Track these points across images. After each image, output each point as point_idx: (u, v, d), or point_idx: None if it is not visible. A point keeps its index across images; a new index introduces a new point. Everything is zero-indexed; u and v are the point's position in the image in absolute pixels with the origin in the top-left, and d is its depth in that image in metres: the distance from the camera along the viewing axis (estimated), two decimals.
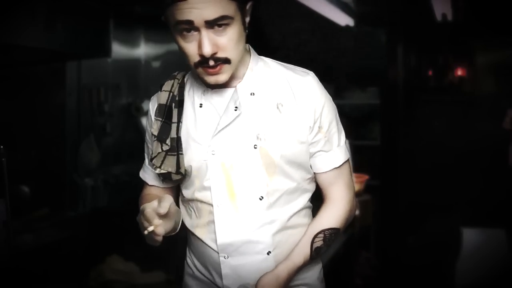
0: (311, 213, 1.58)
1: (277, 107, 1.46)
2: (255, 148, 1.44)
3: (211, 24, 1.33)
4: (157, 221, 1.33)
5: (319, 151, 1.51)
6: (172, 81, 1.56)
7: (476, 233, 3.82)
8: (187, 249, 1.65)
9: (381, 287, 4.03)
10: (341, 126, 1.57)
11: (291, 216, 1.51)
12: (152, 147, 1.53)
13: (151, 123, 1.57)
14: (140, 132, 3.95)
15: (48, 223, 2.99)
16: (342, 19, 4.61)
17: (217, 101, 1.48)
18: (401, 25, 4.93)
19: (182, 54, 1.42)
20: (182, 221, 1.54)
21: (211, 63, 1.37)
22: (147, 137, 1.62)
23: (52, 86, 3.25)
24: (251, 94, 1.47)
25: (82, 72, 3.36)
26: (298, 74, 1.51)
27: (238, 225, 1.47)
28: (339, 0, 4.25)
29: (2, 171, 1.98)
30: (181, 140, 1.49)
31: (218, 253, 1.49)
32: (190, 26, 1.34)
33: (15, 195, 2.50)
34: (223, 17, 1.33)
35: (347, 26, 4.74)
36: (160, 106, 1.53)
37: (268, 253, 1.48)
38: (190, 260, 1.62)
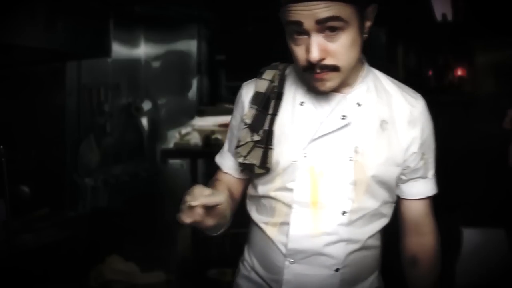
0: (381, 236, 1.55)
1: (381, 124, 1.41)
2: (350, 160, 1.38)
3: (322, 25, 1.26)
4: (198, 202, 1.20)
5: (418, 177, 1.47)
6: (274, 71, 1.49)
7: (476, 233, 3.80)
8: (246, 249, 1.57)
9: None
10: None
11: (368, 238, 1.46)
12: (240, 134, 1.46)
13: (242, 109, 1.49)
14: (140, 132, 3.95)
15: (48, 223, 2.99)
16: None
17: (320, 104, 1.41)
18: (401, 25, 4.93)
19: (292, 57, 1.36)
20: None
21: (317, 70, 1.30)
22: (234, 122, 1.53)
23: (52, 86, 3.24)
24: (357, 105, 1.40)
25: (82, 72, 3.36)
26: (409, 94, 1.47)
27: (313, 235, 1.40)
28: None
29: (2, 171, 1.98)
30: (273, 134, 1.41)
31: (284, 256, 1.42)
32: (299, 29, 1.27)
33: (15, 195, 2.50)
34: (334, 18, 1.25)
35: None
36: (257, 94, 1.46)
37: (337, 269, 1.41)
38: (249, 260, 1.54)
